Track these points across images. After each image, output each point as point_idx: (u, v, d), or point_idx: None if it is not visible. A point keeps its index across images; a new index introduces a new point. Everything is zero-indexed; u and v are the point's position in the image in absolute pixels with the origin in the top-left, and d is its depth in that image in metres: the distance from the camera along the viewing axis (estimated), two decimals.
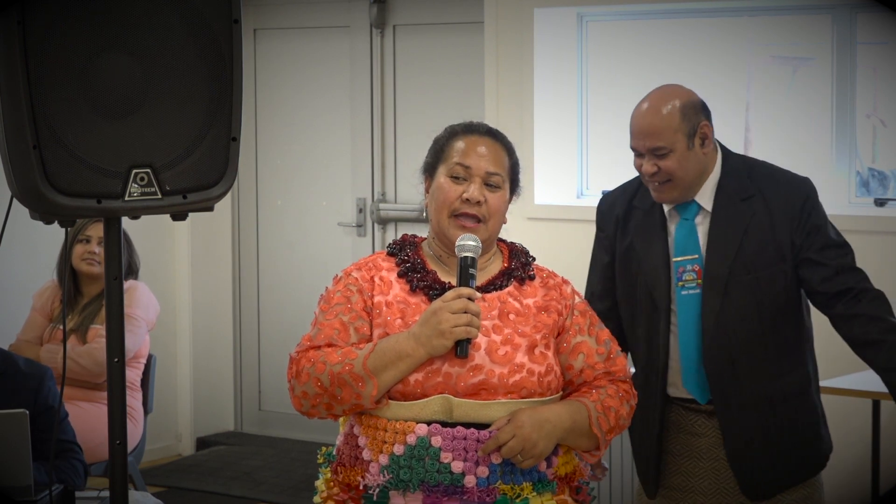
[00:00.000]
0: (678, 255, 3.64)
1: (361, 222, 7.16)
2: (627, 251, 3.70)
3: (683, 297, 3.62)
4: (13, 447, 3.38)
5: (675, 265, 3.63)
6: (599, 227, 3.80)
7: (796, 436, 3.69)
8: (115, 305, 2.63)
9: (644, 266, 3.67)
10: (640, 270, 3.67)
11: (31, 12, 2.41)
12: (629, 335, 3.74)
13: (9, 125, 2.44)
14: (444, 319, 2.84)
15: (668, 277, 3.64)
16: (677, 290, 3.63)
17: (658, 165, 3.55)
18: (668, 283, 3.64)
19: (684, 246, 3.64)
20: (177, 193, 2.58)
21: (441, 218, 3.01)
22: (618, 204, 3.76)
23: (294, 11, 7.31)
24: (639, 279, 3.67)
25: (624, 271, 3.72)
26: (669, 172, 3.56)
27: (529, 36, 6.15)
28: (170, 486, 6.63)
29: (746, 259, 3.59)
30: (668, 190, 3.60)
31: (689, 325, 3.62)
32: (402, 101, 7.02)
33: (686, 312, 3.62)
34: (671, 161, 3.55)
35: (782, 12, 5.91)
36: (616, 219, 3.74)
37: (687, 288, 3.61)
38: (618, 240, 3.73)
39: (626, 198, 3.75)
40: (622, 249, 3.71)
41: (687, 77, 6.09)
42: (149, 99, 2.52)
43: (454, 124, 3.11)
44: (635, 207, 3.72)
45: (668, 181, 3.57)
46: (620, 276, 3.73)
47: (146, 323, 5.36)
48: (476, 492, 2.85)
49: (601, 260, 3.79)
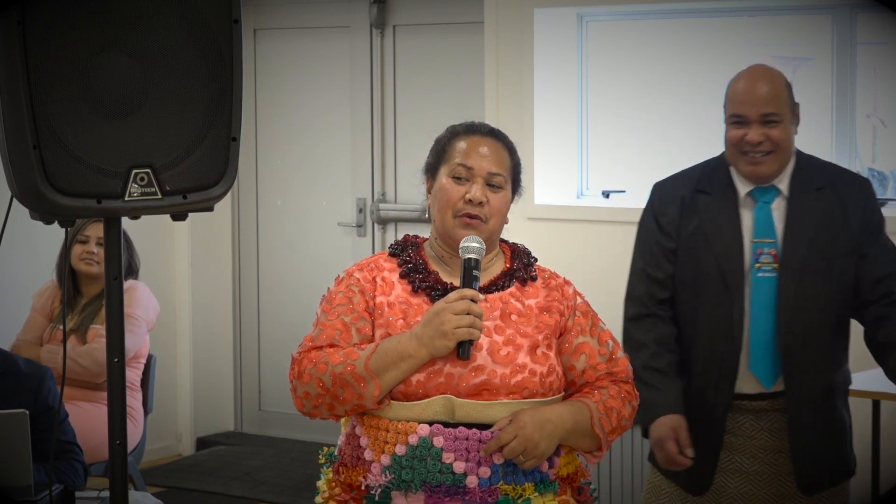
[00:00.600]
0: (757, 236, 3.63)
1: (361, 222, 7.16)
2: (694, 234, 3.68)
3: (759, 279, 3.61)
4: (13, 447, 3.38)
5: (753, 246, 3.62)
6: (660, 213, 3.76)
7: (844, 433, 3.73)
8: (114, 305, 2.63)
9: (715, 247, 3.65)
10: (711, 251, 3.65)
11: (31, 12, 2.41)
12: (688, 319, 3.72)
13: (9, 125, 2.44)
14: (447, 320, 2.84)
15: (741, 258, 3.63)
16: (753, 271, 3.62)
17: (766, 134, 3.55)
18: (741, 264, 3.63)
19: (764, 229, 3.64)
20: (177, 193, 2.58)
21: (445, 218, 3.01)
22: (681, 188, 3.74)
23: (294, 11, 7.31)
24: (707, 260, 3.65)
25: (689, 254, 3.69)
26: (776, 142, 3.56)
27: (529, 36, 6.15)
28: (170, 486, 6.63)
29: (822, 247, 3.61)
30: (768, 162, 3.59)
31: (763, 306, 3.61)
32: (402, 101, 7.02)
33: (761, 294, 3.62)
34: (779, 130, 3.56)
35: (782, 12, 5.91)
36: (681, 201, 3.71)
37: (763, 270, 3.61)
38: (682, 223, 3.70)
39: (690, 183, 3.74)
40: (687, 232, 3.69)
41: (687, 77, 6.10)
42: (149, 99, 2.52)
43: (456, 124, 3.11)
44: (701, 192, 3.70)
45: (771, 152, 3.57)
46: (688, 260, 3.70)
47: (146, 323, 5.36)
48: (478, 492, 2.85)
49: (664, 245, 3.74)
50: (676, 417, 3.67)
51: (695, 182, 3.72)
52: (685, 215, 3.70)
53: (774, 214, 3.65)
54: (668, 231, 3.72)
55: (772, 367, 3.64)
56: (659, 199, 3.78)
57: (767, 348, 3.62)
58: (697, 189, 3.71)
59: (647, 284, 3.74)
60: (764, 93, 3.57)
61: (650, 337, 3.73)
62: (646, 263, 3.77)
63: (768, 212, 3.65)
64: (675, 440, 3.68)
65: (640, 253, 3.81)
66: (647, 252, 3.77)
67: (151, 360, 5.52)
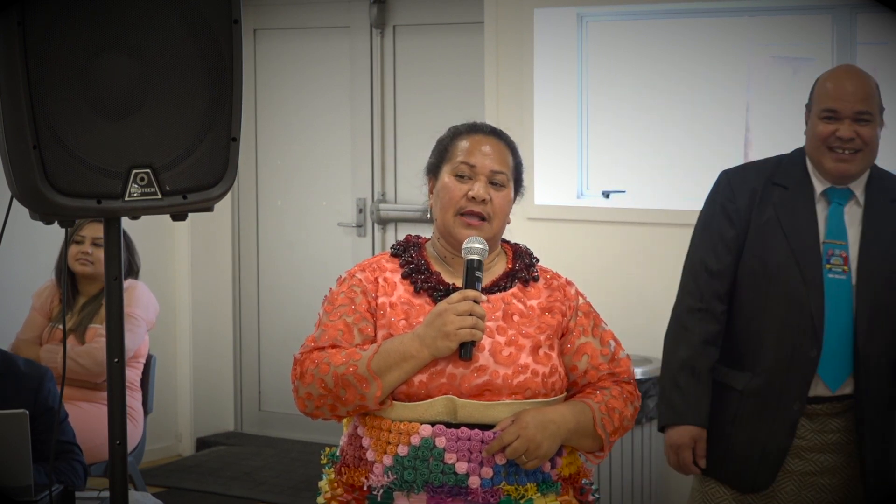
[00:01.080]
0: (829, 237, 3.60)
1: (361, 222, 7.15)
2: (768, 224, 3.62)
3: (831, 280, 3.58)
4: (13, 447, 3.38)
5: (824, 247, 3.59)
6: (727, 200, 3.69)
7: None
8: (114, 305, 2.63)
9: (792, 240, 3.60)
10: (788, 243, 3.60)
11: (31, 12, 2.41)
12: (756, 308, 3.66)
13: (9, 125, 2.44)
14: (449, 321, 2.84)
15: (818, 255, 3.59)
16: (825, 272, 3.58)
17: (857, 132, 3.54)
18: (818, 261, 3.58)
19: (836, 230, 3.61)
20: (177, 194, 2.57)
21: (447, 217, 3.01)
22: (753, 178, 3.69)
23: (294, 11, 7.31)
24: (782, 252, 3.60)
25: (760, 243, 3.63)
26: (865, 141, 3.55)
27: (529, 36, 6.14)
28: (170, 486, 6.62)
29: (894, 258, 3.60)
30: (856, 161, 3.57)
31: (838, 309, 3.57)
32: (402, 101, 7.02)
33: (835, 296, 3.57)
34: (870, 129, 3.56)
35: (782, 12, 5.91)
36: (752, 192, 3.66)
37: (834, 272, 3.57)
38: (754, 213, 3.65)
39: (763, 174, 3.69)
40: (760, 222, 3.63)
41: (687, 77, 6.09)
42: (149, 99, 2.52)
43: (457, 125, 3.12)
44: (776, 184, 3.66)
45: (859, 151, 3.56)
46: (758, 247, 3.64)
47: (146, 322, 5.35)
48: (480, 492, 2.85)
49: (724, 233, 3.68)
50: (699, 430, 3.66)
51: (769, 174, 3.68)
52: (758, 205, 3.64)
53: (846, 218, 3.61)
54: (733, 219, 3.66)
55: (840, 371, 3.60)
56: (728, 187, 3.71)
57: (839, 351, 3.58)
58: (773, 181, 3.66)
59: (705, 277, 3.68)
60: (859, 90, 3.56)
61: (698, 332, 3.68)
62: (705, 254, 3.70)
63: (841, 214, 3.61)
64: (692, 449, 3.67)
65: (699, 243, 3.73)
66: (708, 241, 3.70)
67: (151, 360, 5.52)
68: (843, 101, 3.54)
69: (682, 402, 3.65)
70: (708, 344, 3.67)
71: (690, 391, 3.65)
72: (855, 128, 3.53)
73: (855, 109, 3.53)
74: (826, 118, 3.57)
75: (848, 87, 3.56)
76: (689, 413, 3.66)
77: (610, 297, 5.72)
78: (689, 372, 3.66)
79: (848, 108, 3.54)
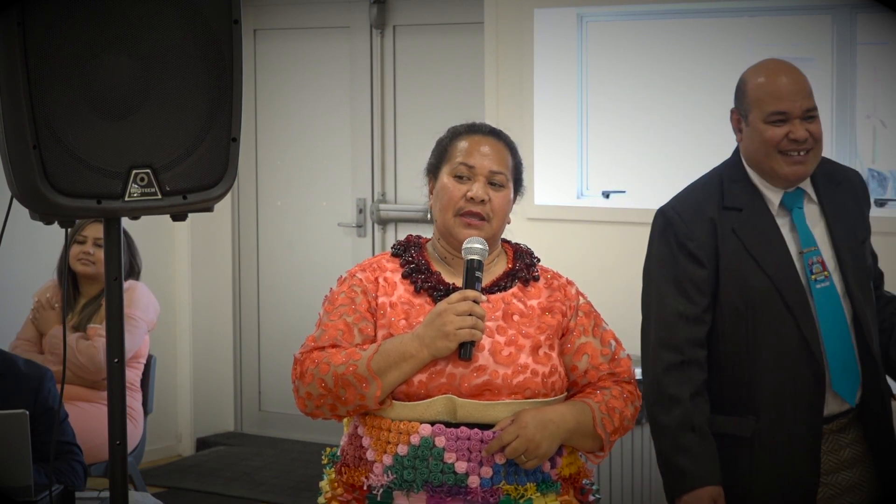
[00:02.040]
0: (805, 246, 3.36)
1: (361, 223, 7.15)
2: (736, 256, 3.34)
3: (819, 290, 3.33)
4: (13, 447, 3.38)
5: (804, 258, 3.34)
6: (686, 238, 3.37)
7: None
8: (115, 306, 2.63)
9: (766, 266, 3.33)
10: (763, 271, 3.33)
11: (32, 13, 2.41)
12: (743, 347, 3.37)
13: (9, 125, 2.44)
14: (449, 321, 2.84)
15: (796, 273, 3.33)
16: (811, 284, 3.33)
17: (809, 130, 3.32)
18: (797, 280, 3.33)
19: (807, 237, 3.38)
20: (177, 194, 2.58)
21: (446, 218, 3.01)
22: (705, 208, 3.38)
23: (294, 12, 7.31)
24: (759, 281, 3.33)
25: (735, 277, 3.35)
26: (817, 138, 3.34)
27: (529, 36, 6.14)
28: (170, 486, 6.62)
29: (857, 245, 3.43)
30: (809, 161, 3.33)
31: (832, 319, 3.34)
32: (402, 102, 7.02)
33: (826, 307, 3.34)
34: (817, 125, 3.35)
35: (782, 13, 5.91)
36: (710, 222, 3.36)
37: (819, 281, 3.33)
38: (719, 245, 3.35)
39: (713, 200, 3.39)
40: (728, 254, 3.35)
41: (687, 77, 6.09)
42: (149, 99, 2.52)
43: (457, 125, 3.12)
44: (729, 208, 3.38)
45: (811, 150, 3.33)
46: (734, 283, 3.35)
47: (146, 323, 5.35)
48: (480, 492, 2.86)
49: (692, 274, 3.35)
50: (715, 489, 3.34)
51: (718, 198, 3.39)
52: (721, 237, 3.35)
53: (808, 220, 3.39)
54: (698, 257, 3.35)
55: (853, 381, 3.37)
56: (681, 222, 3.38)
57: (847, 362, 3.36)
58: (725, 206, 3.37)
59: (683, 327, 3.35)
60: (801, 86, 3.33)
61: (685, 390, 3.34)
62: (677, 301, 3.36)
63: (803, 217, 3.38)
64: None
65: (666, 291, 3.38)
66: (674, 286, 3.37)
67: (151, 361, 5.52)
68: (790, 101, 3.30)
69: (691, 465, 3.33)
70: (698, 395, 3.35)
71: (696, 450, 3.34)
72: (806, 126, 3.30)
73: (803, 108, 3.30)
74: (775, 121, 3.31)
75: (789, 84, 3.32)
76: (701, 474, 3.34)
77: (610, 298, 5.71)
78: (689, 429, 3.34)
79: (797, 108, 3.30)
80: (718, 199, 3.39)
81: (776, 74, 3.36)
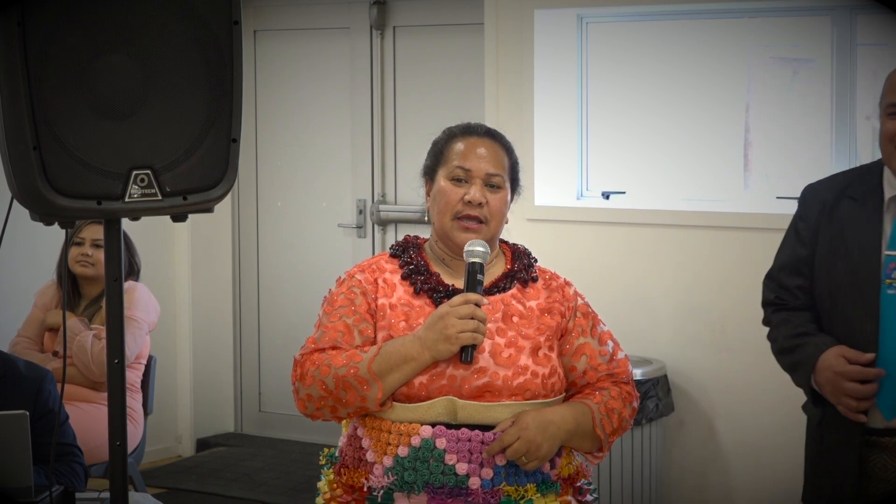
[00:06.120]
0: (892, 248, 3.22)
1: (361, 223, 7.15)
2: (834, 241, 3.31)
3: (889, 296, 3.20)
4: (13, 448, 3.38)
5: (885, 259, 3.21)
6: (800, 217, 3.40)
7: None
8: (115, 307, 2.63)
9: (853, 257, 3.26)
10: (848, 262, 3.26)
11: (32, 14, 2.41)
12: None
13: (9, 126, 2.44)
14: (451, 324, 2.85)
15: (877, 270, 3.22)
16: (883, 287, 3.21)
17: None
18: (876, 277, 3.22)
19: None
20: (177, 195, 2.57)
21: (444, 221, 3.01)
22: (825, 191, 3.37)
23: (294, 13, 7.31)
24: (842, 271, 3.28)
25: (828, 264, 3.32)
26: None
27: (529, 37, 6.14)
28: (170, 487, 6.62)
29: None
30: None
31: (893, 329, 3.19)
32: (402, 103, 7.02)
33: (891, 314, 3.19)
34: None
35: (782, 14, 5.91)
36: (822, 205, 3.34)
37: (895, 287, 3.19)
38: (822, 229, 3.33)
39: (837, 187, 3.35)
40: (827, 239, 3.32)
41: (687, 78, 6.09)
42: (149, 100, 2.52)
43: (452, 126, 3.11)
44: (847, 197, 3.32)
45: None
46: (823, 270, 3.33)
47: (147, 324, 5.35)
48: (480, 493, 2.86)
49: (797, 254, 3.40)
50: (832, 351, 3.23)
51: (843, 186, 3.35)
52: (825, 219, 3.33)
53: None
54: (804, 238, 3.37)
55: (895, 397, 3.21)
56: (803, 200, 3.42)
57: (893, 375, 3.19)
58: (845, 194, 3.33)
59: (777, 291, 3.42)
60: None
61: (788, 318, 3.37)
62: (780, 269, 3.44)
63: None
64: (843, 357, 3.22)
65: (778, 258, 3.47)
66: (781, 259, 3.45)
67: (151, 362, 5.52)
68: None
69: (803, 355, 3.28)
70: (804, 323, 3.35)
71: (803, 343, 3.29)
72: None
73: None
74: (891, 113, 3.23)
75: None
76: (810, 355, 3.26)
77: (610, 299, 5.73)
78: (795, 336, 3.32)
79: None
80: (845, 186, 3.35)
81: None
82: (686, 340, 5.79)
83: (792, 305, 3.41)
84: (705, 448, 5.77)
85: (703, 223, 5.76)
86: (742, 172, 5.96)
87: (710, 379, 5.74)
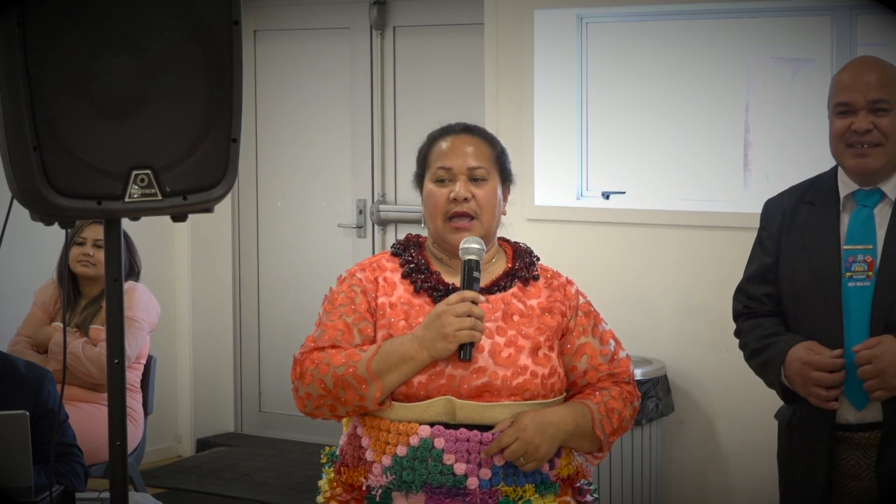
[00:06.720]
0: (850, 242, 3.31)
1: (361, 223, 7.15)
2: (795, 245, 3.40)
3: (850, 289, 3.27)
4: (13, 448, 3.38)
5: (844, 253, 3.30)
6: (763, 228, 3.52)
7: None
8: (115, 307, 2.62)
9: (813, 257, 3.35)
10: (808, 262, 3.35)
11: (32, 13, 2.41)
12: None
13: (9, 126, 2.44)
14: (448, 323, 2.85)
15: (838, 267, 3.30)
16: (844, 281, 3.28)
17: (874, 123, 3.26)
18: (837, 274, 3.30)
19: (859, 234, 3.32)
20: (177, 195, 2.57)
21: (436, 224, 3.02)
22: (784, 201, 3.48)
23: (294, 13, 7.31)
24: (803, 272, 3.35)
25: (791, 267, 3.40)
26: (884, 133, 3.27)
27: (529, 37, 6.14)
28: (170, 487, 6.62)
29: None
30: (876, 155, 3.28)
31: (857, 321, 3.27)
32: (402, 103, 7.02)
33: (854, 307, 3.27)
34: (889, 120, 3.27)
35: (782, 14, 5.91)
36: (782, 214, 3.45)
37: (855, 279, 3.27)
38: (783, 236, 3.43)
39: (795, 195, 3.47)
40: (789, 244, 3.42)
41: (687, 78, 6.09)
42: (149, 100, 2.52)
43: (432, 131, 3.13)
44: (805, 202, 3.42)
45: (879, 145, 3.27)
46: (787, 273, 3.42)
47: (148, 324, 5.35)
48: (478, 493, 2.86)
49: (762, 263, 3.49)
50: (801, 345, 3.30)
51: (801, 193, 3.46)
52: (785, 227, 3.43)
53: (876, 219, 3.32)
54: (767, 247, 3.47)
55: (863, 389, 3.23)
56: (764, 216, 3.53)
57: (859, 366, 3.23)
58: (804, 200, 3.43)
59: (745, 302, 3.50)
60: (872, 79, 3.27)
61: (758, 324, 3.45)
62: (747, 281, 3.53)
63: (867, 216, 3.32)
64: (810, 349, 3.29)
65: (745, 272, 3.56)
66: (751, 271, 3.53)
67: (151, 362, 5.52)
68: (856, 92, 3.27)
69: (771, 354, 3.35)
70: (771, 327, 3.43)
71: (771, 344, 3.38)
72: (871, 118, 3.26)
73: (869, 98, 3.26)
74: (840, 113, 3.32)
75: (861, 76, 3.29)
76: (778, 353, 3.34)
77: (610, 299, 5.72)
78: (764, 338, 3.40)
79: (861, 98, 3.26)
80: (802, 193, 3.46)
81: (853, 68, 3.36)
82: (686, 340, 5.79)
83: (761, 313, 3.50)
84: (705, 448, 5.77)
85: (703, 223, 5.76)
86: (742, 172, 5.96)
87: (710, 379, 5.74)
